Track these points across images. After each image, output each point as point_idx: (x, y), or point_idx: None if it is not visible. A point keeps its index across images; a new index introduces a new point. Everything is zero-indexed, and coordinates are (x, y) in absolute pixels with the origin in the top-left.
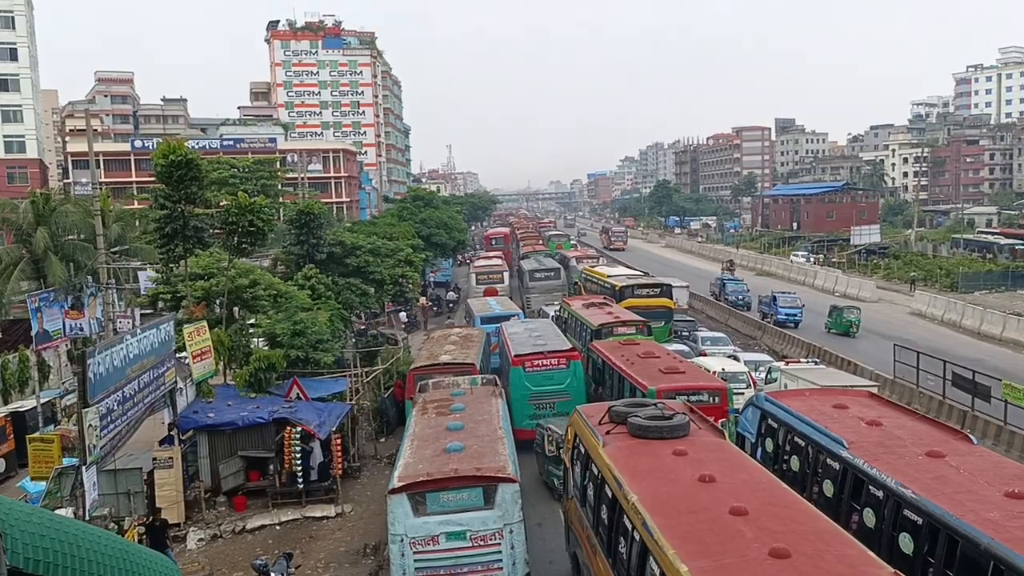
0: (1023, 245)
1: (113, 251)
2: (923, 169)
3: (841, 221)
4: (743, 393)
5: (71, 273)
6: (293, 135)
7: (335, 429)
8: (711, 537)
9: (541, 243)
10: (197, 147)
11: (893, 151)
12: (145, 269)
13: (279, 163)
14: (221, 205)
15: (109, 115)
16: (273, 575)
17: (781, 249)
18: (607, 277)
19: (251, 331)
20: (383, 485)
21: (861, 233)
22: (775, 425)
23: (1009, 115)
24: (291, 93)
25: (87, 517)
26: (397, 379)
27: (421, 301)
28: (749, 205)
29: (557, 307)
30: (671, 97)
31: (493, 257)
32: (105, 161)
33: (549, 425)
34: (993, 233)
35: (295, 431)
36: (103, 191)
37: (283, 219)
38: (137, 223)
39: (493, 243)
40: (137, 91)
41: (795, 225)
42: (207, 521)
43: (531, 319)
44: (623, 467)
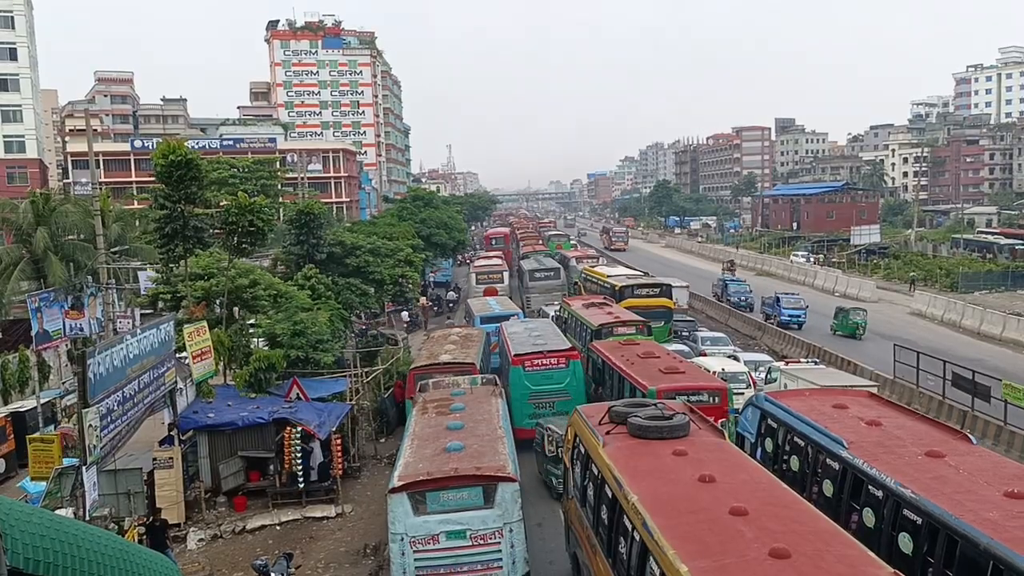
0: (1023, 245)
1: (113, 251)
2: (923, 169)
3: (841, 221)
4: (743, 393)
5: (71, 273)
6: (293, 135)
7: (335, 429)
8: (711, 537)
9: (541, 243)
10: (197, 147)
11: (893, 151)
12: (145, 269)
13: (279, 163)
14: (221, 205)
15: (109, 115)
16: (273, 575)
17: (781, 249)
18: (607, 277)
19: (251, 331)
20: (383, 485)
21: (861, 233)
22: (775, 425)
23: (1009, 115)
24: (291, 93)
25: (87, 517)
26: (397, 379)
27: (421, 301)
28: (749, 205)
29: (557, 307)
30: (671, 97)
31: (493, 257)
32: (105, 161)
33: (549, 425)
34: (993, 233)
35: (295, 431)
36: (103, 191)
37: (283, 219)
38: (137, 223)
39: (493, 243)
40: (137, 91)
41: (795, 225)
42: (207, 521)
43: (531, 319)
44: (623, 467)
